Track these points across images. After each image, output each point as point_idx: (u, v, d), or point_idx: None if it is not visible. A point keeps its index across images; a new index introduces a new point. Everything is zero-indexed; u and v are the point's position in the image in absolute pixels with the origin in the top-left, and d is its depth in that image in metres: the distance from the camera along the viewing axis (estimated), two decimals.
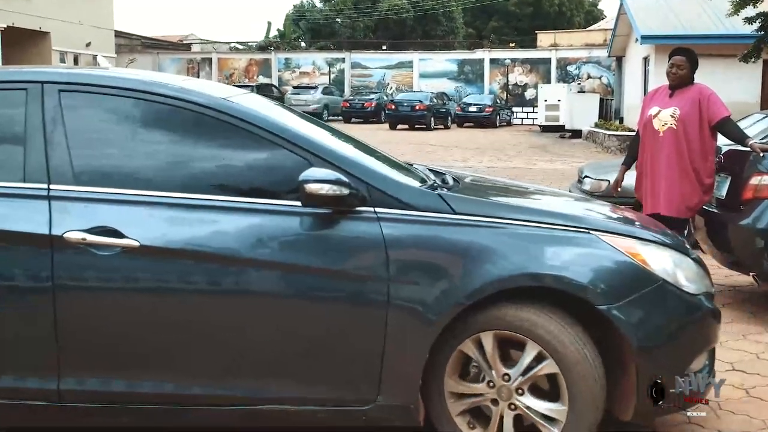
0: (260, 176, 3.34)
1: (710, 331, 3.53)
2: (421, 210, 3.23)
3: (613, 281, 3.23)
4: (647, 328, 3.22)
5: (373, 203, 3.20)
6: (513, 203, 3.72)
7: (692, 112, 5.66)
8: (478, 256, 3.17)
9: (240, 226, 3.18)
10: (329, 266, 3.16)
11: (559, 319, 3.17)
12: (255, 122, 3.30)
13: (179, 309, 3.19)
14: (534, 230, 3.27)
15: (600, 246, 3.28)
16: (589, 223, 3.44)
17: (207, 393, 3.23)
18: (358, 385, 3.23)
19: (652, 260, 3.33)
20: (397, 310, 3.13)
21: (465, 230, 3.23)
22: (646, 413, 3.38)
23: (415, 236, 3.20)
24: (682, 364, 3.36)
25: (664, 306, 3.29)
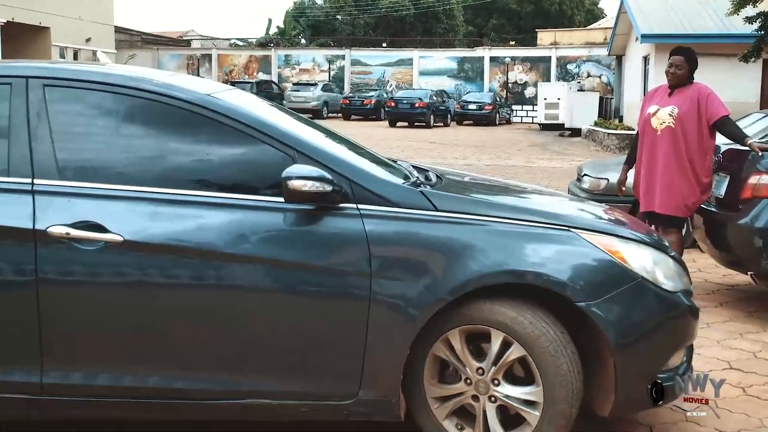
0: (244, 172, 3.36)
1: (688, 328, 3.56)
2: (403, 207, 3.26)
3: (592, 278, 3.26)
4: (625, 325, 3.25)
5: (356, 200, 3.23)
6: (494, 201, 3.72)
7: (691, 110, 5.69)
8: (459, 253, 3.20)
9: (223, 222, 3.19)
10: (312, 262, 3.18)
11: (536, 315, 3.20)
12: (239, 118, 3.32)
13: (162, 303, 3.19)
14: (515, 227, 3.31)
15: (580, 243, 3.31)
16: (570, 220, 3.46)
17: (190, 387, 3.23)
18: (340, 380, 3.25)
19: (631, 258, 3.36)
20: (380, 306, 3.15)
21: (447, 227, 3.25)
22: (625, 409, 3.44)
23: (398, 233, 3.23)
24: (660, 361, 3.40)
25: (643, 303, 3.32)
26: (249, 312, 3.21)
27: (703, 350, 4.88)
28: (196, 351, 3.23)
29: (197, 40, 57.59)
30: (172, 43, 53.81)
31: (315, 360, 3.25)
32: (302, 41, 54.34)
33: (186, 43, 55.29)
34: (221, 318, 3.20)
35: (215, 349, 3.24)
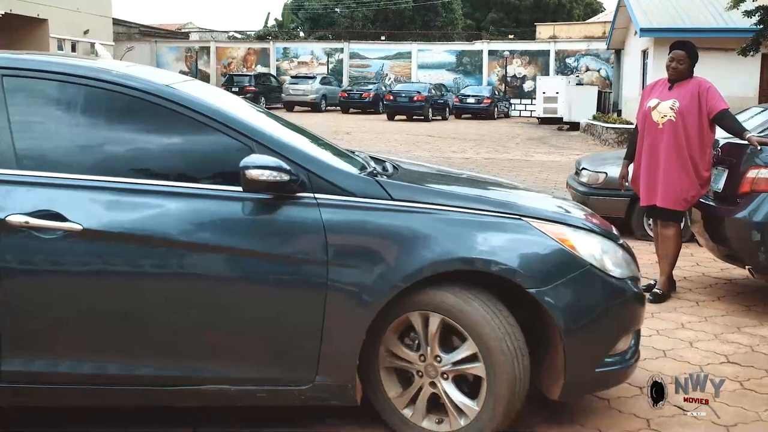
0: (202, 162, 3.41)
1: (635, 314, 3.66)
2: (359, 196, 3.33)
3: (543, 265, 3.36)
4: (574, 311, 3.35)
5: (313, 189, 3.29)
6: (449, 190, 3.76)
7: (691, 104, 5.69)
8: (413, 241, 3.28)
9: (182, 211, 3.23)
10: (270, 250, 3.24)
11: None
12: (197, 109, 3.36)
13: (121, 291, 3.23)
14: (467, 216, 3.40)
15: (530, 232, 3.41)
16: (521, 209, 3.54)
17: (147, 374, 3.27)
18: (297, 366, 3.32)
19: (580, 246, 3.46)
20: (336, 293, 3.22)
21: (401, 216, 3.33)
22: (573, 392, 3.56)
23: (354, 221, 3.30)
24: (608, 345, 3.51)
25: (591, 289, 3.43)
26: (207, 299, 3.26)
27: (700, 344, 4.89)
28: (154, 338, 3.28)
29: (195, 32, 57.46)
30: (170, 36, 53.69)
31: (272, 346, 3.31)
32: (300, 34, 54.22)
33: (184, 36, 55.17)
34: (179, 306, 3.26)
35: (173, 336, 3.29)
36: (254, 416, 3.64)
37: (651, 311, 5.61)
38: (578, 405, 3.89)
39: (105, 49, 43.12)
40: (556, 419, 3.73)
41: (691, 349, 4.80)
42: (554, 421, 3.72)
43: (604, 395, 4.01)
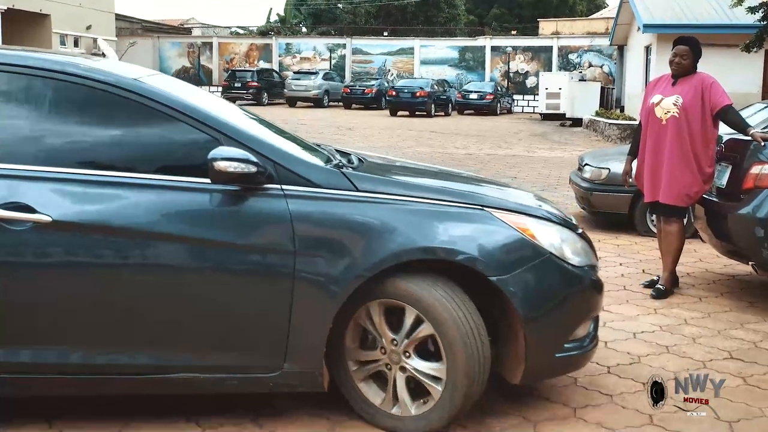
0: (171, 154, 3.47)
1: (594, 301, 3.76)
2: (325, 187, 3.40)
3: (504, 254, 3.44)
4: (535, 298, 3.45)
5: (280, 181, 3.35)
6: (413, 182, 3.86)
7: (695, 100, 5.67)
8: (378, 231, 3.35)
9: (152, 202, 3.28)
10: (238, 241, 3.30)
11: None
12: (165, 102, 3.41)
13: (90, 282, 3.28)
14: (430, 207, 3.49)
15: (492, 221, 3.50)
16: (482, 200, 3.63)
17: (116, 362, 3.33)
18: (265, 354, 3.38)
19: (540, 235, 3.55)
20: (303, 282, 3.29)
21: (366, 206, 3.40)
22: (534, 376, 3.67)
23: (320, 212, 3.36)
24: (568, 331, 3.60)
25: (551, 277, 3.52)
26: (177, 289, 3.31)
27: (703, 340, 4.89)
28: (123, 328, 3.33)
29: (198, 28, 57.47)
30: (172, 31, 53.69)
31: (241, 335, 3.37)
32: (303, 30, 54.17)
33: (186, 31, 55.17)
34: (149, 295, 3.31)
35: (143, 325, 3.34)
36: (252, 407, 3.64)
37: (654, 307, 5.61)
38: (580, 401, 3.89)
39: (107, 45, 43.13)
40: (558, 415, 3.73)
41: (694, 345, 4.80)
42: (556, 416, 3.72)
43: (607, 391, 4.01)
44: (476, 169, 14.64)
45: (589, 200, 8.59)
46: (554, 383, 4.09)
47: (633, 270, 6.76)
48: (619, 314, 5.42)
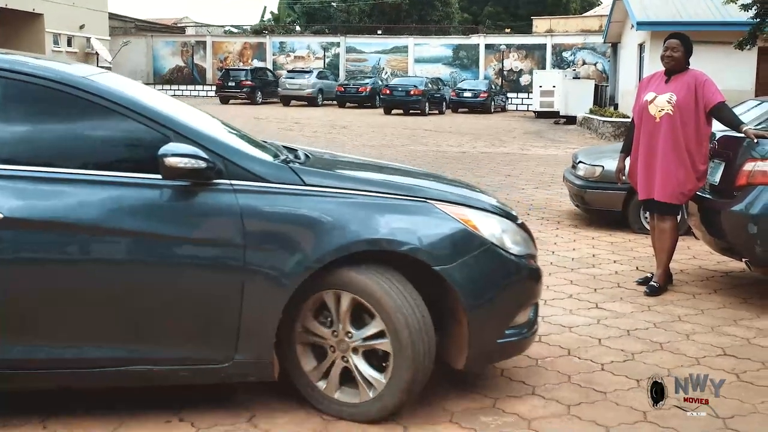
0: (122, 151, 3.55)
1: (533, 288, 3.90)
2: (274, 182, 3.49)
3: (446, 244, 3.57)
4: (477, 286, 3.57)
5: (229, 176, 3.43)
6: (358, 176, 4.02)
7: (688, 97, 5.68)
8: (325, 224, 3.45)
9: (103, 198, 3.33)
10: (189, 235, 3.39)
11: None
12: (115, 100, 3.47)
13: (43, 278, 3.32)
14: (375, 200, 3.59)
15: (435, 213, 3.62)
16: (426, 193, 3.75)
17: (68, 356, 3.38)
18: (217, 345, 3.45)
19: (481, 226, 3.68)
20: (253, 275, 3.37)
21: (314, 200, 3.50)
22: (477, 362, 3.77)
23: (269, 206, 3.45)
24: (509, 318, 3.73)
25: (492, 266, 3.66)
26: (129, 283, 3.37)
27: (697, 336, 4.89)
28: (76, 322, 3.38)
29: (192, 27, 57.38)
30: (166, 30, 53.60)
31: (193, 327, 3.44)
32: (297, 28, 54.10)
33: (180, 30, 55.07)
34: (101, 290, 3.36)
35: (95, 319, 3.41)
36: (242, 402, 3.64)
37: (648, 304, 5.62)
38: (575, 398, 3.89)
39: (101, 44, 43.07)
40: (552, 412, 3.74)
41: (687, 341, 4.81)
42: (551, 414, 3.72)
43: (599, 387, 4.02)
44: (470, 167, 14.65)
45: (582, 198, 8.60)
46: (550, 381, 4.10)
47: (627, 267, 6.77)
48: (613, 311, 5.43)
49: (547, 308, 5.47)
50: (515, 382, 4.08)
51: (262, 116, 29.10)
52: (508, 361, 4.35)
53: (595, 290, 5.99)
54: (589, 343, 4.73)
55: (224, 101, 37.51)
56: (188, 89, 44.69)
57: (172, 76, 47.06)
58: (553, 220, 9.13)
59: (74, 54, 42.07)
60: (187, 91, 44.51)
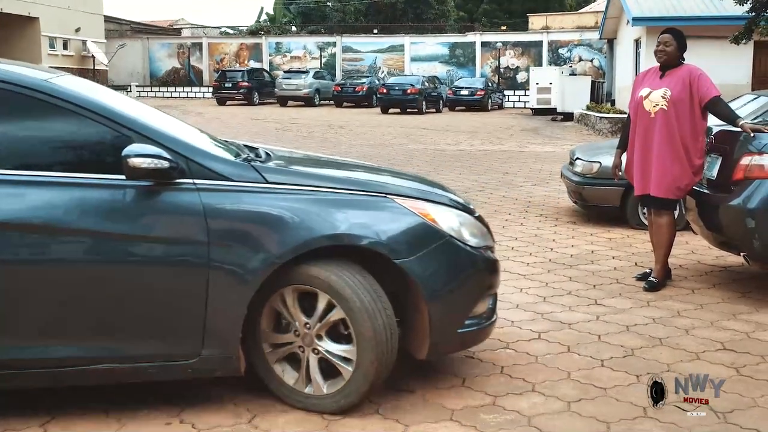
0: (85, 152, 3.60)
1: (491, 279, 4.01)
2: (236, 180, 3.56)
3: (406, 238, 3.65)
4: (437, 278, 3.67)
5: (192, 175, 3.49)
6: (319, 173, 4.07)
7: (683, 92, 5.68)
8: (287, 220, 3.51)
9: (69, 200, 3.37)
10: (154, 234, 3.44)
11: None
12: (75, 101, 3.50)
13: (9, 278, 3.35)
14: (336, 196, 3.68)
15: (394, 208, 3.72)
16: (385, 188, 3.85)
17: (37, 356, 3.40)
18: (183, 341, 3.50)
19: (440, 219, 3.78)
20: (217, 272, 3.42)
21: (276, 197, 3.57)
22: (438, 351, 3.87)
23: (232, 204, 3.51)
24: (468, 308, 3.84)
25: (451, 258, 3.75)
26: (96, 282, 3.41)
27: (696, 331, 4.90)
28: (43, 322, 3.40)
29: (187, 28, 57.34)
30: (162, 32, 53.57)
31: (160, 324, 3.49)
32: (293, 29, 54.09)
33: (176, 32, 55.05)
34: (68, 290, 3.40)
35: (64, 318, 3.42)
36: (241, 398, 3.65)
37: (647, 299, 5.62)
38: (574, 394, 3.89)
39: (97, 47, 43.03)
40: (552, 408, 3.73)
41: (687, 336, 4.81)
42: (551, 410, 3.72)
43: (599, 383, 4.02)
44: (468, 165, 14.66)
45: (580, 194, 8.60)
46: (549, 377, 4.10)
47: (625, 263, 6.77)
48: (612, 307, 5.43)
49: (546, 305, 5.48)
50: (515, 379, 4.09)
51: (259, 117, 29.10)
52: (508, 359, 4.37)
53: (594, 286, 6.00)
54: (588, 340, 4.73)
55: (221, 102, 37.50)
56: (185, 91, 44.68)
57: (169, 78, 47.07)
58: (551, 217, 9.13)
59: (70, 57, 42.06)
60: (184, 92, 44.52)
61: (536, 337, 4.78)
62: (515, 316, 5.21)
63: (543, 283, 6.08)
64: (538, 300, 5.62)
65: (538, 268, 6.60)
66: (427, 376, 4.09)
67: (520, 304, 5.48)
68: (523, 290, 5.87)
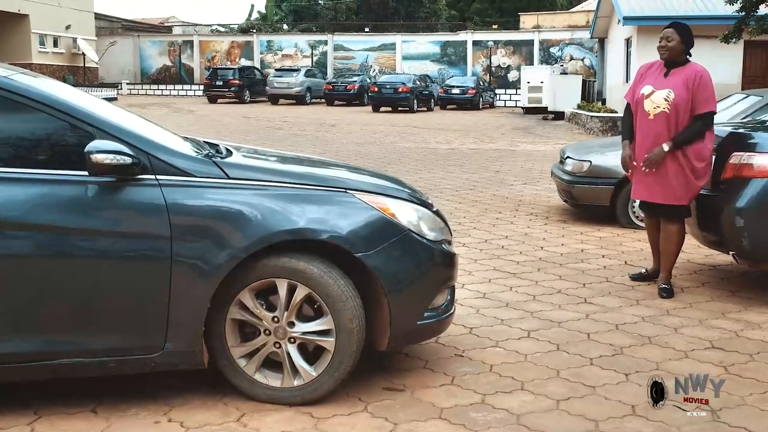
0: (48, 149, 3.64)
1: (449, 272, 4.09)
2: (198, 176, 3.61)
3: (366, 232, 3.73)
4: (397, 271, 3.76)
5: (155, 171, 3.53)
6: (280, 168, 4.12)
7: (686, 95, 5.44)
8: (249, 215, 3.57)
9: (31, 196, 3.39)
10: (117, 229, 3.48)
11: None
12: (36, 98, 3.51)
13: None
14: (297, 191, 3.74)
15: (354, 203, 3.79)
16: (345, 183, 3.93)
17: (2, 351, 3.41)
18: (147, 335, 3.54)
19: (399, 214, 3.87)
20: (180, 266, 3.47)
21: (237, 192, 3.62)
22: (398, 342, 3.99)
23: (194, 199, 3.55)
24: (427, 300, 3.93)
25: (410, 252, 3.84)
26: (58, 277, 3.43)
27: (685, 330, 4.91)
28: (8, 316, 3.41)
29: (178, 26, 57.18)
30: (153, 30, 53.42)
31: (124, 318, 3.52)
32: (284, 27, 54.00)
33: (167, 30, 54.88)
34: (32, 285, 3.40)
35: (27, 313, 3.43)
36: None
37: (636, 298, 5.63)
38: (563, 393, 3.90)
39: (87, 44, 42.88)
40: (541, 407, 3.74)
41: (675, 335, 4.82)
42: (540, 408, 3.73)
43: (588, 382, 4.02)
44: (459, 164, 14.67)
45: (570, 193, 8.62)
46: (539, 376, 4.11)
47: (615, 262, 6.79)
48: (601, 306, 5.44)
49: (536, 304, 5.48)
50: (504, 378, 4.09)
51: (251, 115, 29.05)
52: (497, 357, 4.38)
53: (584, 285, 6.01)
54: (577, 338, 4.74)
55: (212, 100, 37.41)
56: (176, 89, 44.58)
57: (160, 75, 46.95)
58: (541, 216, 9.14)
59: (60, 55, 41.91)
60: (175, 90, 44.42)
61: (525, 336, 4.78)
62: (505, 314, 5.22)
63: (533, 282, 6.09)
64: (527, 298, 5.62)
65: (528, 266, 6.61)
66: (416, 375, 4.10)
67: (509, 303, 5.49)
68: (512, 288, 5.88)
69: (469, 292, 5.73)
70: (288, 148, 16.15)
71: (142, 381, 3.80)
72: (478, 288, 5.83)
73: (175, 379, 3.87)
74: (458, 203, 9.99)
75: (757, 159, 5.31)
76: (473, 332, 4.83)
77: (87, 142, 3.41)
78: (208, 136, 4.27)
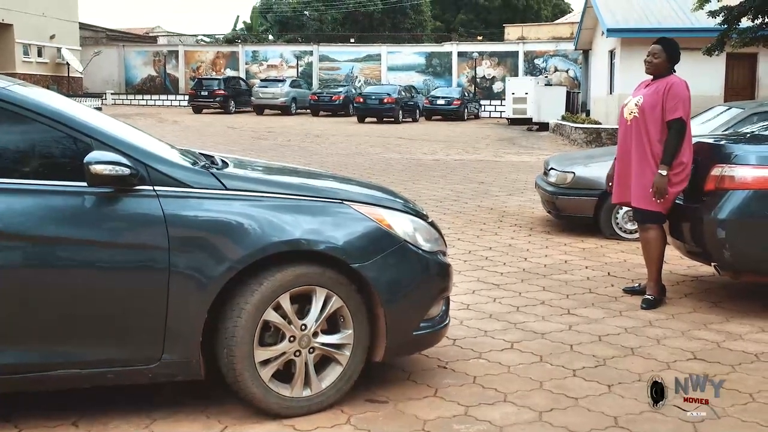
0: (46, 159, 3.62)
1: (444, 283, 4.13)
2: (195, 187, 3.60)
3: (363, 243, 3.77)
4: (393, 282, 3.80)
5: (152, 182, 3.53)
6: (277, 180, 4.10)
7: (654, 101, 5.62)
8: (247, 226, 3.58)
9: (29, 206, 3.37)
10: (114, 239, 3.46)
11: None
12: (35, 109, 3.50)
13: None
14: (294, 202, 3.75)
15: (350, 214, 3.82)
16: (341, 194, 3.95)
17: (1, 362, 3.37)
18: (144, 346, 3.52)
19: (395, 225, 3.91)
20: (178, 277, 3.46)
21: (235, 203, 3.63)
22: (394, 353, 4.00)
23: (191, 210, 3.55)
24: (423, 311, 3.97)
25: (406, 262, 3.88)
26: (57, 288, 3.41)
27: (668, 341, 4.93)
28: (3, 327, 3.38)
29: (164, 36, 57.11)
30: (138, 40, 53.31)
31: (121, 329, 3.49)
32: (270, 37, 54.03)
33: (152, 40, 54.80)
34: (29, 296, 3.38)
35: (25, 324, 3.40)
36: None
37: (619, 309, 5.65)
38: (546, 404, 3.90)
39: (72, 54, 42.73)
40: (524, 419, 3.74)
41: (658, 346, 4.84)
42: (523, 420, 3.73)
43: (570, 393, 4.03)
44: (444, 175, 14.70)
45: (554, 204, 8.64)
46: (522, 387, 4.11)
47: (599, 273, 6.81)
48: (584, 317, 5.45)
49: (519, 315, 5.49)
50: (487, 390, 4.09)
51: (236, 125, 29.01)
52: (480, 369, 4.38)
53: (567, 296, 6.02)
54: (561, 349, 4.75)
55: (197, 111, 37.35)
56: (161, 99, 44.49)
57: (145, 85, 46.86)
58: (525, 227, 9.17)
59: (45, 64, 41.74)
60: (160, 101, 44.33)
61: (509, 347, 4.79)
62: (488, 325, 5.22)
63: (516, 293, 6.10)
64: (511, 309, 5.63)
65: (511, 277, 6.62)
66: (399, 387, 4.09)
67: (493, 314, 5.49)
68: (496, 300, 5.89)
69: (453, 303, 5.71)
70: (274, 158, 16.12)
71: (124, 392, 3.77)
72: (462, 299, 5.84)
73: (158, 391, 3.85)
74: (442, 214, 10.00)
75: (739, 171, 5.35)
76: (457, 343, 4.83)
77: (85, 153, 3.40)
78: (193, 146, 4.28)
